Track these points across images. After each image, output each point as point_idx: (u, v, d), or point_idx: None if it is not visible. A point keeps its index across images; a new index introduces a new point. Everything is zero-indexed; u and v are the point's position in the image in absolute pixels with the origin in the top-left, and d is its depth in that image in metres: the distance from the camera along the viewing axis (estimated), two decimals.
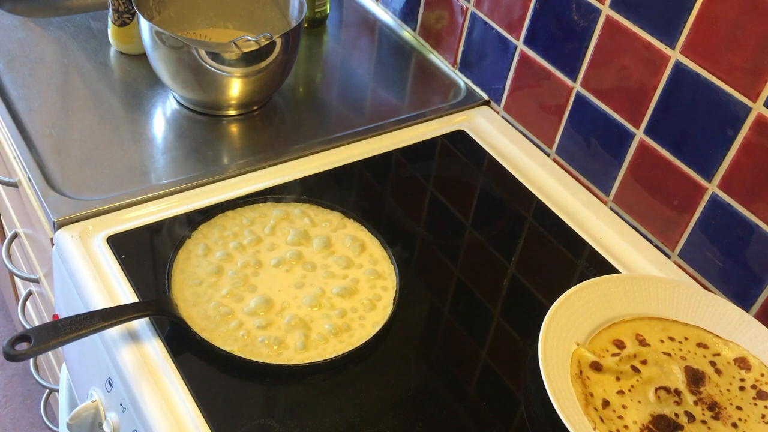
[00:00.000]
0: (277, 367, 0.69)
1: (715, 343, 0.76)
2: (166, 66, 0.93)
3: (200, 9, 1.06)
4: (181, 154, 0.93)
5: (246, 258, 0.79)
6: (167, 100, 1.00)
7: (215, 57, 0.90)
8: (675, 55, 0.81)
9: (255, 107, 1.01)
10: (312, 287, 0.77)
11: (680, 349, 0.75)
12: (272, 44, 0.91)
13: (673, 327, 0.77)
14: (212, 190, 0.88)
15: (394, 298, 0.77)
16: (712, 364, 0.74)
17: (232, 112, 0.99)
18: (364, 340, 0.72)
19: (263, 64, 0.93)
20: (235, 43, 0.89)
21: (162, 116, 0.98)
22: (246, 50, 0.90)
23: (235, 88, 0.95)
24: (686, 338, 0.76)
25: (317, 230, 0.83)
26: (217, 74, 0.91)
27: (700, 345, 0.76)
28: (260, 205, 0.85)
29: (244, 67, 0.92)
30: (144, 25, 0.91)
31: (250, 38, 0.90)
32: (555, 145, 1.00)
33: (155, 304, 0.72)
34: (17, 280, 1.45)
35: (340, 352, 0.71)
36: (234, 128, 0.99)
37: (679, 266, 0.88)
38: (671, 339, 0.76)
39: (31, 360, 1.30)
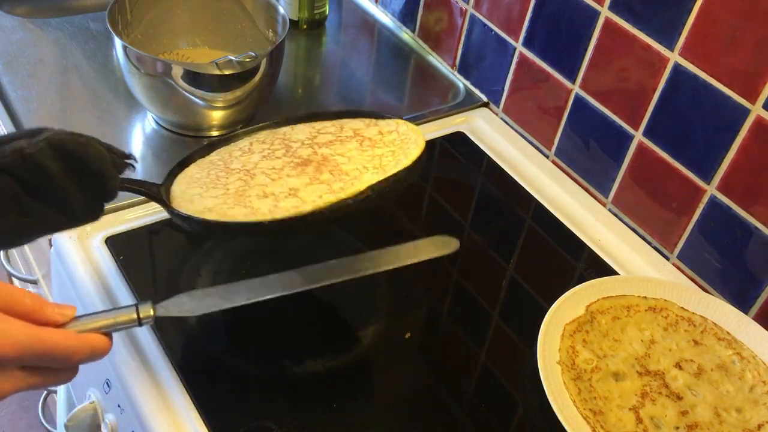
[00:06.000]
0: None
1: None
2: (145, 90, 0.90)
3: (169, 29, 1.02)
4: (182, 155, 0.92)
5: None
6: None
7: (195, 78, 0.86)
8: (674, 57, 0.81)
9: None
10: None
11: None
12: (257, 63, 0.88)
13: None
14: None
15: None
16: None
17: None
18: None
19: (253, 80, 0.90)
20: (216, 64, 0.85)
21: None
22: (228, 72, 0.86)
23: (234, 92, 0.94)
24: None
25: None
26: (195, 93, 0.88)
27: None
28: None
29: (235, 81, 0.88)
30: (118, 45, 0.88)
31: (233, 58, 0.86)
32: (554, 147, 1.00)
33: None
34: (15, 281, 1.44)
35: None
36: (232, 131, 0.98)
37: (678, 268, 0.88)
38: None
39: None
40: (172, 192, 0.69)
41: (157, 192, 0.67)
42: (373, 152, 0.69)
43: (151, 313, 0.54)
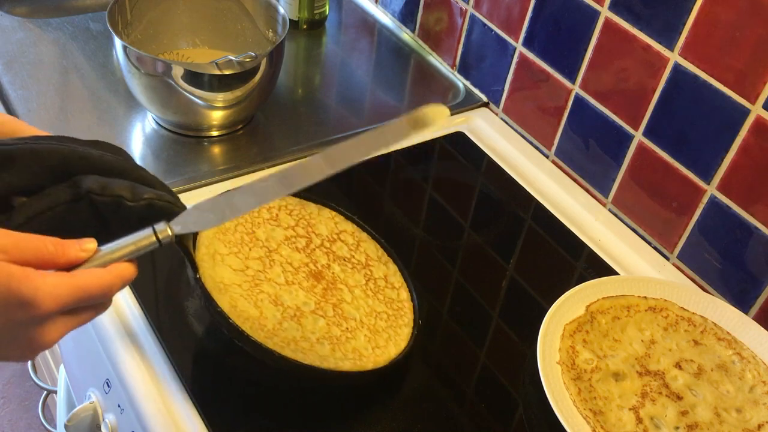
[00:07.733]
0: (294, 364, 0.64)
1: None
2: (145, 90, 0.90)
3: (169, 29, 1.01)
4: (182, 155, 0.93)
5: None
6: None
7: (195, 78, 0.87)
8: (674, 57, 0.81)
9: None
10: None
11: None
12: (257, 63, 0.88)
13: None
14: (212, 190, 0.88)
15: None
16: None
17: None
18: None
19: (253, 80, 0.90)
20: (216, 64, 0.85)
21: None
22: (228, 72, 0.86)
23: (234, 91, 0.94)
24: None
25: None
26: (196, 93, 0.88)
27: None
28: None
29: (235, 80, 0.88)
30: (118, 45, 0.88)
31: (233, 58, 0.86)
32: (554, 147, 1.00)
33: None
34: None
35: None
36: (232, 131, 0.99)
37: (678, 268, 0.88)
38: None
39: (29, 362, 1.29)
40: (200, 234, 0.69)
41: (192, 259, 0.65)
42: (374, 304, 0.73)
43: (169, 231, 0.54)
